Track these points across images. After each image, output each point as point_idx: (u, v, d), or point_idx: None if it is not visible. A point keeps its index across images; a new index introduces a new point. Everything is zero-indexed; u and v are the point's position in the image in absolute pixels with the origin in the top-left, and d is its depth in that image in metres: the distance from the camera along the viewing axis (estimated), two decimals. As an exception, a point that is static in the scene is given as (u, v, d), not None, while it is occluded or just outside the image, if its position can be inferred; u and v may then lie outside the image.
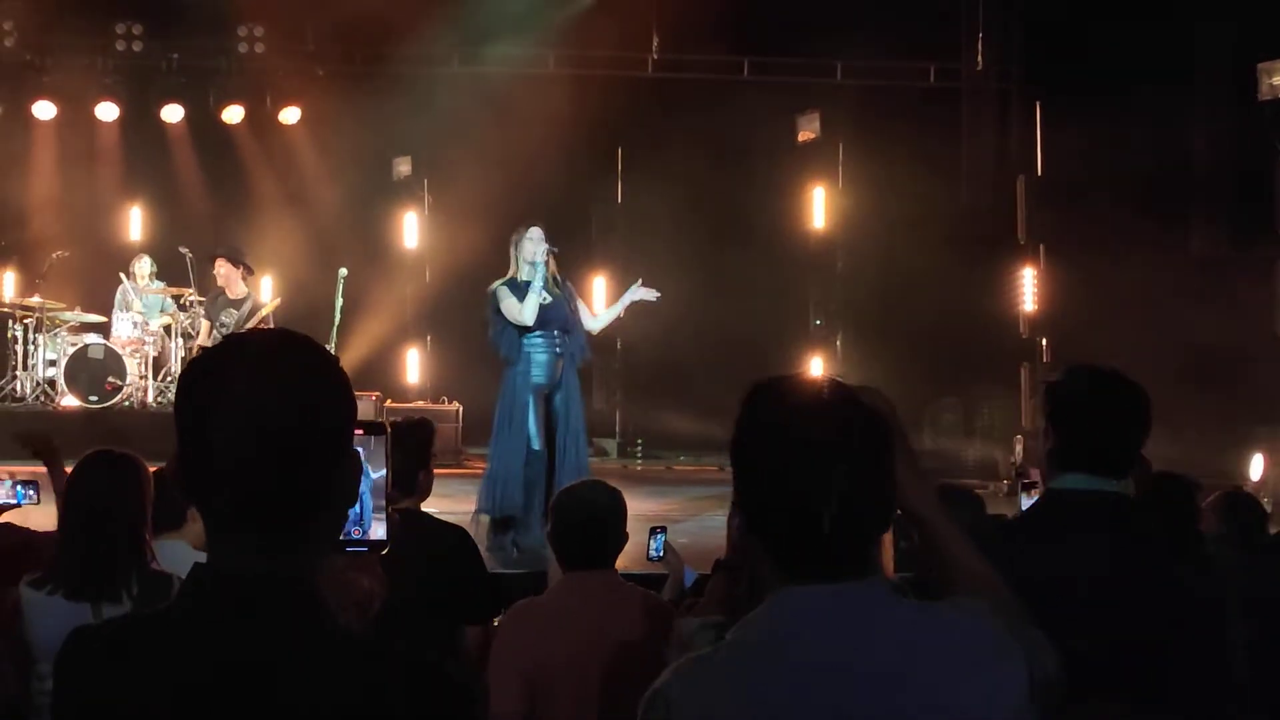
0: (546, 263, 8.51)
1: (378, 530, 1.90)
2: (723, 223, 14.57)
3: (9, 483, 4.49)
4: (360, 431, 1.85)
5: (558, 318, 8.60)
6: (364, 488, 1.86)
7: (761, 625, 1.99)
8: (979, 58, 15.69)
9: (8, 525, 4.49)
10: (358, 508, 1.87)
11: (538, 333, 8.54)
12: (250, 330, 1.85)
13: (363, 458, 1.83)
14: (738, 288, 14.66)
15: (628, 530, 4.27)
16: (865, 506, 1.98)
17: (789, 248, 15.54)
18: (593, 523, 4.16)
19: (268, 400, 1.67)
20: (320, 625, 1.69)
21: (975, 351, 13.73)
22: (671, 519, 9.60)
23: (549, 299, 8.56)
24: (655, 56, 15.59)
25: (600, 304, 15.48)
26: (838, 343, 15.40)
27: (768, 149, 15.23)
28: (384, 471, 1.90)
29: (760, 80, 15.49)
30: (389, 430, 1.93)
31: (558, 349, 8.64)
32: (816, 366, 14.67)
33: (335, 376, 1.74)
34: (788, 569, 1.98)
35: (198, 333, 13.80)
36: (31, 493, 4.51)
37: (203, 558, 1.74)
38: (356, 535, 1.88)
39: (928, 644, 1.94)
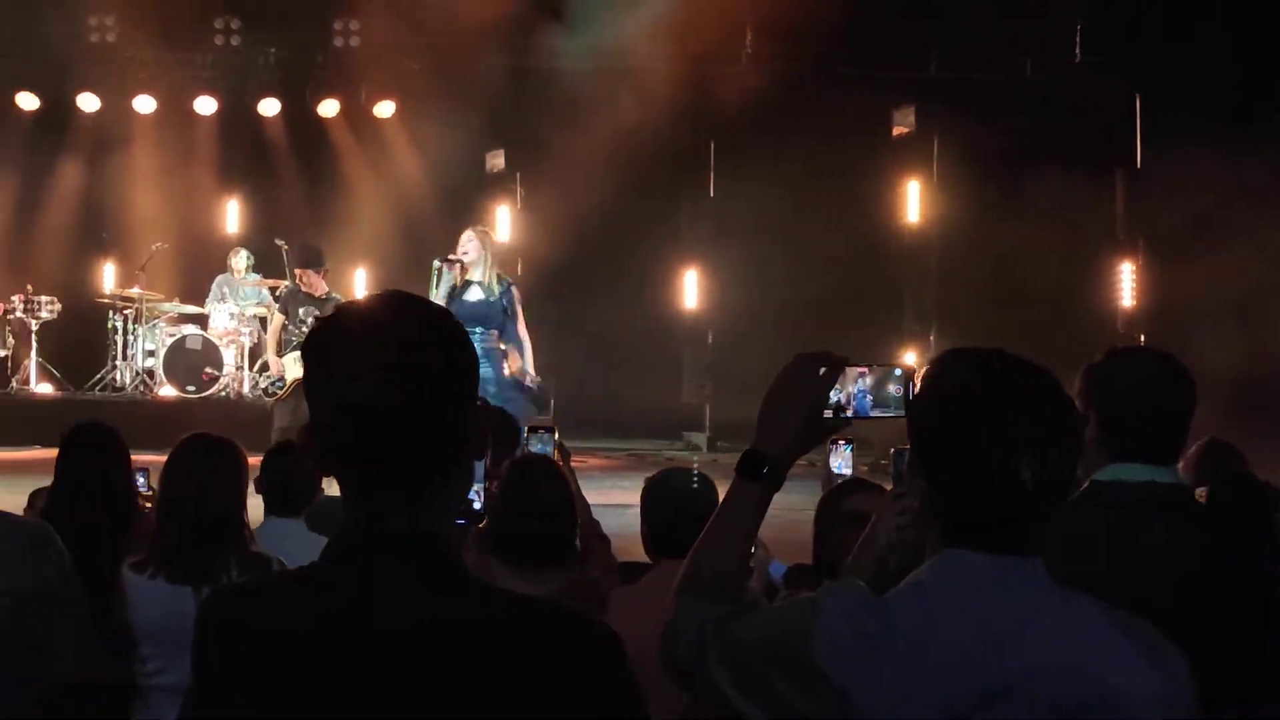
0: (441, 269, 8.69)
1: (475, 504, 1.96)
2: (815, 216, 14.45)
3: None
4: None
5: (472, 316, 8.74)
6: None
7: (915, 575, 2.03)
8: (1076, 49, 15.46)
9: None
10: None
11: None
12: (364, 297, 1.87)
13: None
14: (830, 282, 14.54)
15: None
16: (1059, 493, 2.01)
17: (882, 242, 15.42)
18: (686, 512, 4.14)
19: (396, 357, 1.68)
20: (466, 579, 1.70)
21: (1072, 348, 13.47)
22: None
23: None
24: (749, 50, 15.51)
25: (692, 299, 15.50)
26: (931, 338, 15.24)
27: (862, 143, 15.11)
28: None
29: (855, 74, 15.36)
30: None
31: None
32: (910, 362, 14.54)
33: (456, 331, 1.76)
34: (961, 539, 2.00)
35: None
36: (141, 479, 4.64)
37: (315, 539, 1.74)
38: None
39: (1078, 626, 1.95)
